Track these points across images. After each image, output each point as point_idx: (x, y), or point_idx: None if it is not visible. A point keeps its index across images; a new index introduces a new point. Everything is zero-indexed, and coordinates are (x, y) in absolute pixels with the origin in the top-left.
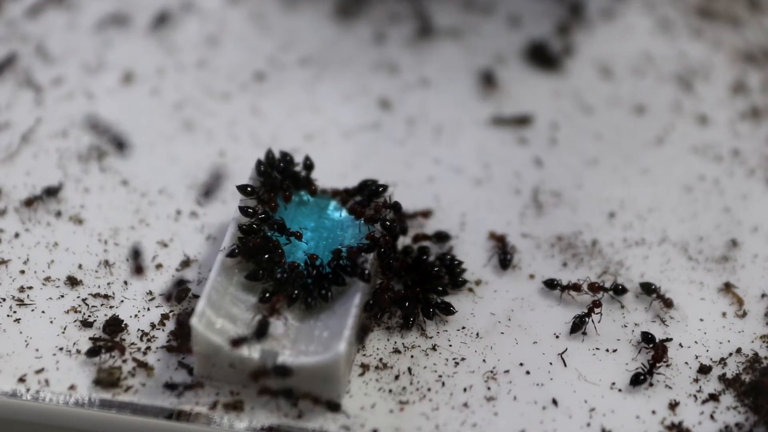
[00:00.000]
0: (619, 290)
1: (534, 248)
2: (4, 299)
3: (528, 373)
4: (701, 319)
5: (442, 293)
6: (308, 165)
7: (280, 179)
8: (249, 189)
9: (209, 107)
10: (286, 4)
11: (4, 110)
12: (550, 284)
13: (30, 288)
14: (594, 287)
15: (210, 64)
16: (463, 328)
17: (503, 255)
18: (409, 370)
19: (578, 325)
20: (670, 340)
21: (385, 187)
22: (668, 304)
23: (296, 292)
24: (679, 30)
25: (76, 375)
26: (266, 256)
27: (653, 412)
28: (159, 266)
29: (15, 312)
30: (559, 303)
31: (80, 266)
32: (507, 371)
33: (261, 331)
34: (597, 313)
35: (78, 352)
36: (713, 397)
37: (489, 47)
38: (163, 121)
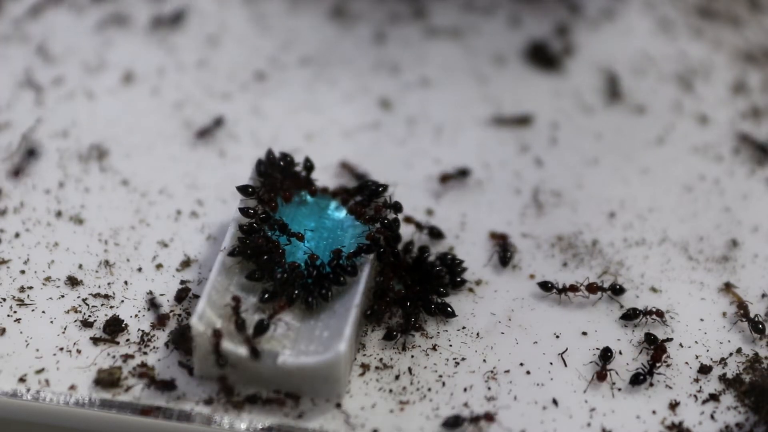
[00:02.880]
0: (617, 290)
1: (534, 248)
2: (4, 299)
3: (528, 373)
4: (701, 319)
5: (443, 294)
6: (308, 166)
7: (280, 179)
8: (250, 189)
9: (209, 107)
10: (286, 4)
11: (4, 110)
12: (545, 287)
13: (30, 288)
14: (592, 288)
15: (210, 64)
16: (463, 328)
17: (503, 253)
18: (410, 370)
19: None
20: (671, 340)
21: (385, 187)
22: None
23: (296, 292)
24: (679, 30)
25: (76, 375)
26: (266, 256)
27: (653, 412)
28: (159, 266)
29: (15, 312)
30: (559, 303)
31: (80, 266)
32: (507, 371)
33: (258, 332)
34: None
35: (78, 352)
36: (713, 397)
37: (489, 47)
38: (163, 121)
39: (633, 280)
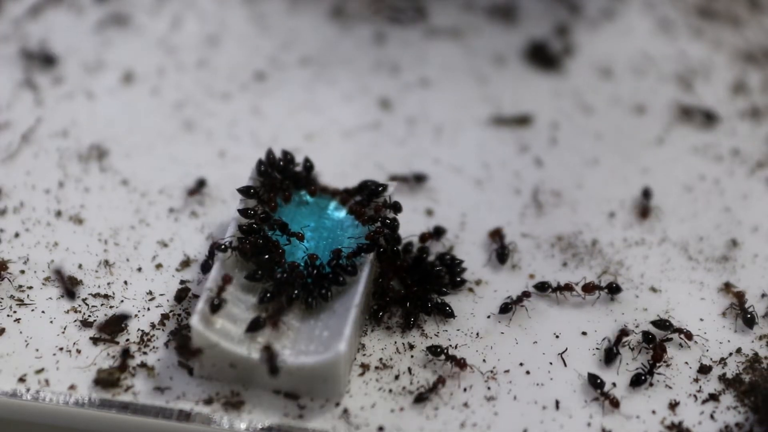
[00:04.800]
0: (613, 288)
1: (534, 248)
2: (3, 299)
3: (528, 373)
4: (701, 319)
5: (443, 293)
6: (308, 167)
7: (280, 179)
8: (251, 191)
9: (209, 107)
10: (286, 4)
11: (4, 110)
12: (542, 288)
13: (30, 288)
14: (588, 287)
15: (210, 64)
16: (463, 328)
17: (501, 249)
18: (409, 370)
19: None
20: (670, 339)
21: (384, 187)
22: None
23: (296, 292)
24: (679, 30)
25: (76, 375)
26: (266, 256)
27: (653, 412)
28: (159, 266)
29: (15, 312)
30: (558, 303)
31: (80, 266)
32: (507, 371)
33: (251, 328)
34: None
35: (78, 352)
36: (713, 397)
37: (489, 47)
38: (163, 121)
39: (633, 280)
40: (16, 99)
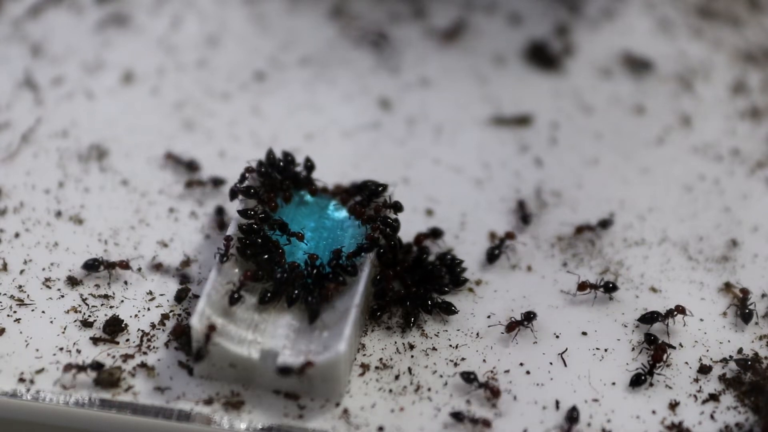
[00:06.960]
0: (609, 287)
1: (534, 248)
2: (3, 299)
3: (528, 373)
4: (701, 319)
5: (443, 293)
6: (309, 166)
7: (280, 179)
8: (252, 191)
9: (209, 107)
10: (286, 4)
11: (4, 110)
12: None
13: (30, 288)
14: (582, 286)
15: (210, 64)
16: (463, 328)
17: (492, 249)
18: (409, 370)
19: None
20: (673, 348)
21: (384, 187)
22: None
23: (296, 292)
24: (679, 30)
25: (76, 375)
26: (266, 256)
27: (653, 412)
28: (159, 266)
29: (15, 312)
30: (559, 303)
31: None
32: (507, 371)
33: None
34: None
35: (78, 352)
36: (713, 397)
37: (489, 47)
38: (163, 121)
39: (633, 280)
40: (16, 99)
